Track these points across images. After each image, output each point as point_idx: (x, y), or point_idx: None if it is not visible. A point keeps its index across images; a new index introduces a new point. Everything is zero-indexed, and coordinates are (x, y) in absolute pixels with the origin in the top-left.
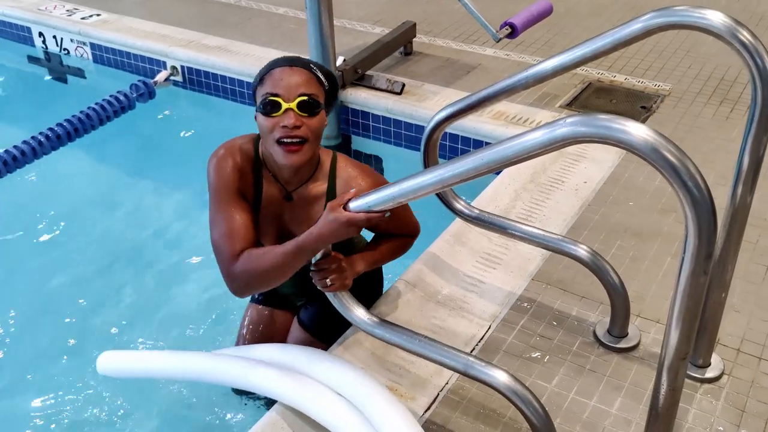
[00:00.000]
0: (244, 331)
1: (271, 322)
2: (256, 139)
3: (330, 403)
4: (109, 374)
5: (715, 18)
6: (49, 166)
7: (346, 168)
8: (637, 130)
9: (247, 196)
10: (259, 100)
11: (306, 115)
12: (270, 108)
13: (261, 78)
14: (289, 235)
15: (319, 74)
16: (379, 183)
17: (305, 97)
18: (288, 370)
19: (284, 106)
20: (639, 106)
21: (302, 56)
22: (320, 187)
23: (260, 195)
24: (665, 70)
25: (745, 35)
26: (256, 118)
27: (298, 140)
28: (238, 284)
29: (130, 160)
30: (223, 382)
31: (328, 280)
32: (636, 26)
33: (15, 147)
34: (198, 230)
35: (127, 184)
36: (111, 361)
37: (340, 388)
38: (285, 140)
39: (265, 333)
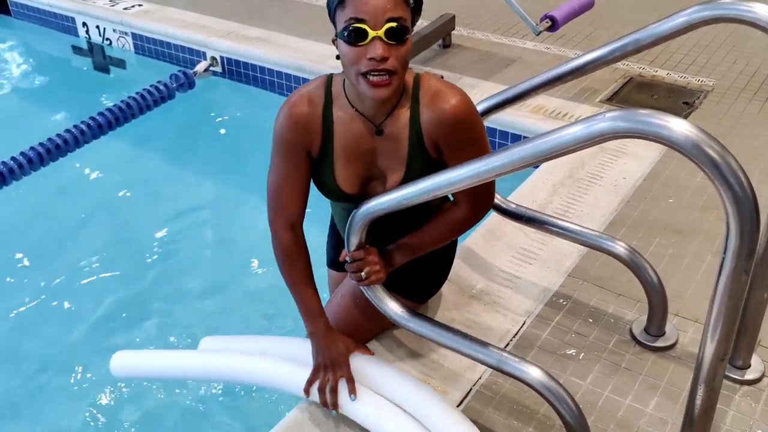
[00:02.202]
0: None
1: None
2: (328, 81)
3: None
4: (122, 375)
5: (763, 11)
6: (90, 154)
7: (430, 83)
8: (677, 126)
9: (314, 146)
10: (340, 25)
11: (394, 43)
12: (354, 36)
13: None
14: (378, 172)
15: None
16: (468, 104)
17: (394, 23)
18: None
19: (371, 34)
20: (681, 101)
21: None
22: (405, 113)
23: (330, 140)
24: (709, 65)
25: None
26: (335, 43)
27: (386, 73)
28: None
29: (169, 149)
30: (246, 382)
31: (363, 273)
32: (679, 20)
33: (58, 135)
34: (236, 219)
35: (166, 172)
36: (124, 362)
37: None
38: (373, 74)
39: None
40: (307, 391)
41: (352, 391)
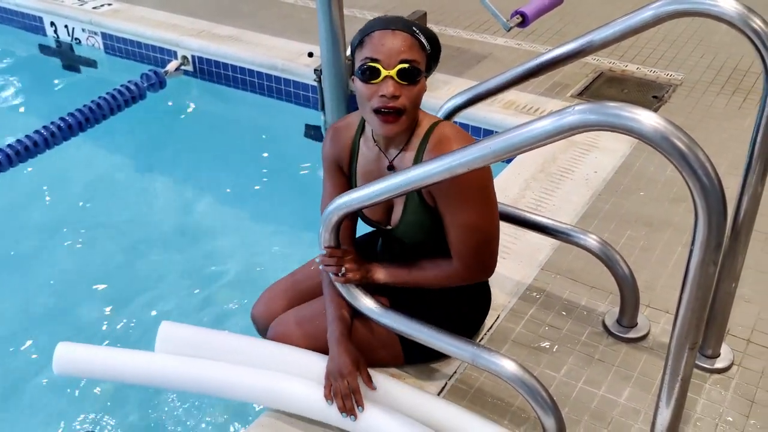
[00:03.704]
0: None
1: None
2: None
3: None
4: (66, 373)
5: (727, 5)
6: (61, 156)
7: (443, 130)
8: (646, 118)
9: (344, 165)
10: (357, 64)
11: (406, 83)
12: (368, 74)
13: (360, 40)
14: (390, 202)
15: (422, 38)
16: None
17: (406, 65)
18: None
19: (383, 73)
20: (651, 95)
21: (404, 17)
22: (412, 154)
23: (354, 164)
24: (677, 59)
25: (757, 23)
26: (353, 81)
27: (395, 111)
28: None
29: (140, 150)
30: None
31: (343, 269)
32: (647, 14)
33: (27, 137)
34: (209, 219)
35: (138, 173)
36: (74, 355)
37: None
38: (383, 110)
39: None
40: (328, 396)
41: (359, 402)
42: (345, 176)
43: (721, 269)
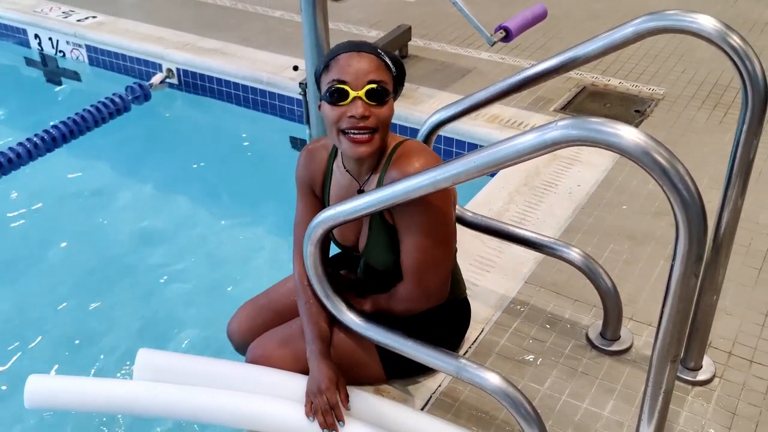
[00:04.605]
0: None
1: None
2: None
3: None
4: (39, 407)
5: (706, 22)
6: (44, 168)
7: (406, 147)
8: (627, 134)
9: (317, 190)
10: (324, 87)
11: (375, 104)
12: (337, 96)
13: (326, 64)
14: (360, 224)
15: (387, 60)
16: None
17: (374, 85)
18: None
19: (352, 94)
20: (633, 110)
21: (368, 41)
22: (378, 173)
23: (328, 187)
24: (659, 74)
25: (734, 39)
26: (320, 107)
27: (366, 131)
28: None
29: (125, 162)
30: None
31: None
32: (628, 30)
33: (10, 149)
34: (194, 231)
35: (122, 186)
36: (49, 388)
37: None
38: (353, 132)
39: None
40: (308, 413)
41: (339, 416)
42: (318, 198)
43: (702, 282)
